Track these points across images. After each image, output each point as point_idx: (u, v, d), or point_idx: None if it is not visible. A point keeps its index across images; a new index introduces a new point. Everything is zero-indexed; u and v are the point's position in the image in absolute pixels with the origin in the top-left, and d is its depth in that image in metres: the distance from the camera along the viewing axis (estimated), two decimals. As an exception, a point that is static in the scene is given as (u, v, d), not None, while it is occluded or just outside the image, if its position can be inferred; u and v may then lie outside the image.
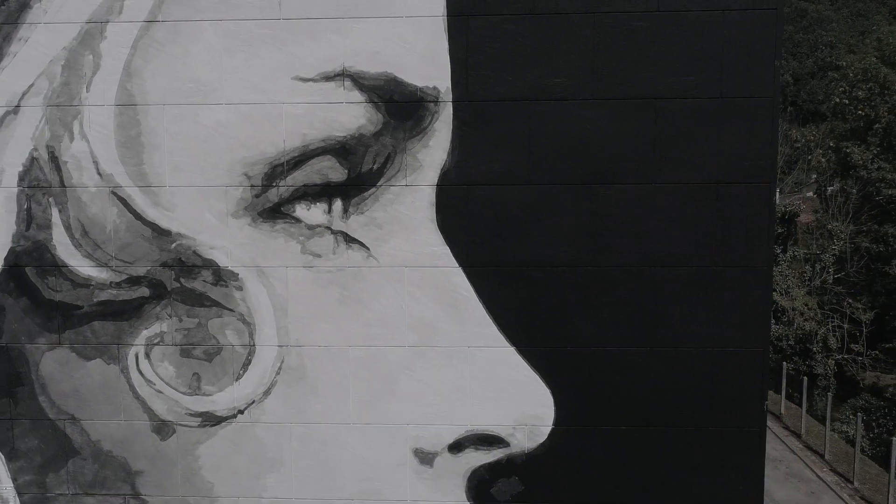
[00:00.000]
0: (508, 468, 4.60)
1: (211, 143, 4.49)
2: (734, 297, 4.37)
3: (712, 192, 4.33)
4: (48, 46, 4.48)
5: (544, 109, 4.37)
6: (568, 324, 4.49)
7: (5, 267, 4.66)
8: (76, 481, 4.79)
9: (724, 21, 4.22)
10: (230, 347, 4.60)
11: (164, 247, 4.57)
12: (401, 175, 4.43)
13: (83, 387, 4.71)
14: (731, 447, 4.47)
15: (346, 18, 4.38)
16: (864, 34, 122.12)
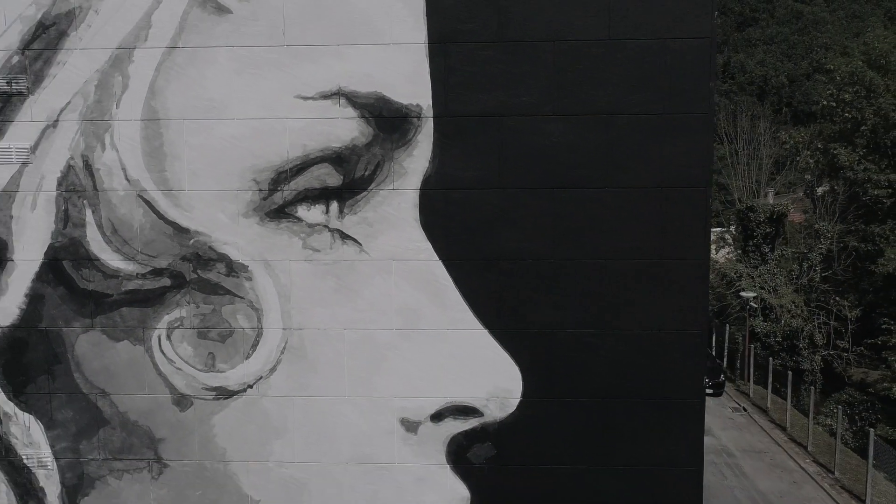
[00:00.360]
0: (482, 435, 5.27)
1: (224, 153, 5.15)
2: (675, 286, 5.04)
3: (657, 195, 5.00)
4: (83, 69, 5.14)
5: (513, 124, 5.03)
6: (534, 309, 5.15)
7: (45, 260, 5.33)
8: (106, 448, 5.46)
9: (666, 48, 4.88)
10: (241, 330, 5.27)
11: (184, 243, 5.23)
12: (389, 180, 5.09)
13: (112, 365, 5.38)
14: (674, 416, 5.14)
15: (341, 45, 5.04)
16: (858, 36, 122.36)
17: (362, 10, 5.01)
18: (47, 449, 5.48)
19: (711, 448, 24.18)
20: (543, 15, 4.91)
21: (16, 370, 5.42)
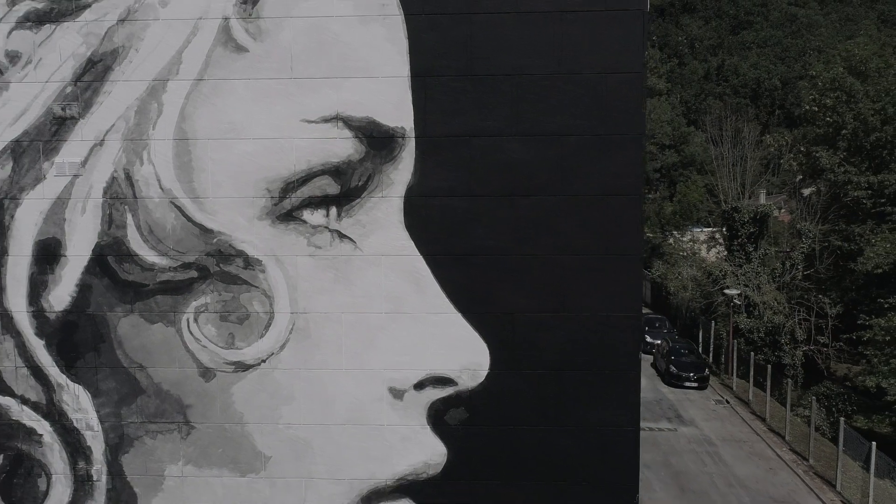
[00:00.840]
0: (457, 401, 6.30)
1: (242, 166, 6.19)
2: (615, 277, 6.07)
3: (599, 202, 6.03)
4: (125, 97, 6.18)
5: (481, 143, 6.07)
6: (499, 296, 6.19)
7: (92, 256, 6.36)
8: (143, 412, 6.49)
9: (605, 82, 5.92)
10: (256, 314, 6.30)
11: (208, 241, 6.26)
12: (378, 189, 6.13)
13: (148, 343, 6.41)
14: (615, 384, 6.17)
15: (339, 78, 6.08)
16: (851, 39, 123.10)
17: (356, 49, 6.04)
18: (93, 413, 6.51)
19: (694, 438, 25.24)
20: (505, 55, 5.95)
21: (67, 348, 6.45)
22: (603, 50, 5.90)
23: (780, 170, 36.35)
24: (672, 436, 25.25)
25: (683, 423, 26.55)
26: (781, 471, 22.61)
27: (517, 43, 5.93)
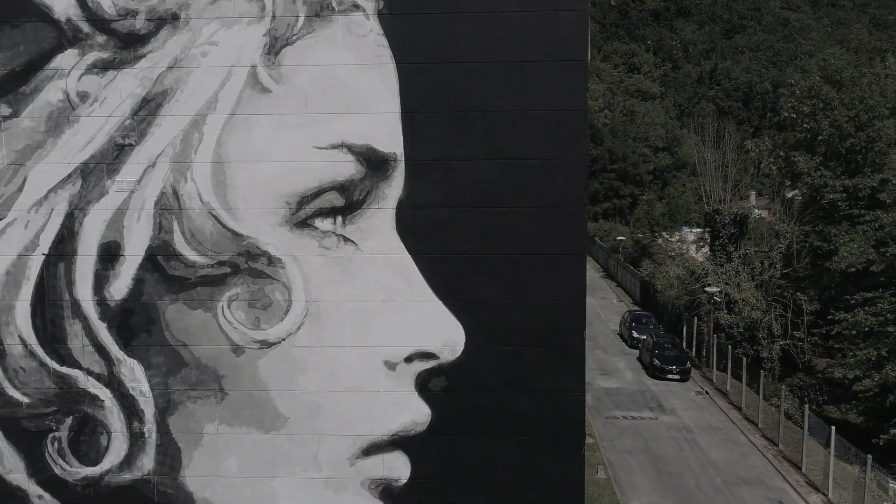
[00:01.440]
0: (439, 371, 7.78)
1: (266, 184, 7.67)
2: (563, 272, 7.56)
3: (550, 212, 7.52)
4: (173, 128, 7.66)
5: (457, 165, 7.55)
6: (472, 287, 7.67)
7: (145, 256, 7.84)
8: (185, 382, 7.97)
9: (556, 117, 7.41)
10: (277, 302, 7.78)
11: (239, 244, 7.74)
12: (375, 203, 7.61)
13: (190, 325, 7.89)
14: (564, 357, 7.66)
15: (344, 113, 7.56)
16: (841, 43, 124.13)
17: (357, 90, 7.53)
18: (145, 382, 7.99)
19: (673, 426, 26.77)
20: (476, 95, 7.44)
21: (125, 329, 7.94)
22: (554, 92, 7.39)
23: (760, 174, 37.77)
24: (653, 424, 26.81)
25: (664, 412, 28.09)
26: (752, 455, 24.14)
27: (486, 86, 7.42)
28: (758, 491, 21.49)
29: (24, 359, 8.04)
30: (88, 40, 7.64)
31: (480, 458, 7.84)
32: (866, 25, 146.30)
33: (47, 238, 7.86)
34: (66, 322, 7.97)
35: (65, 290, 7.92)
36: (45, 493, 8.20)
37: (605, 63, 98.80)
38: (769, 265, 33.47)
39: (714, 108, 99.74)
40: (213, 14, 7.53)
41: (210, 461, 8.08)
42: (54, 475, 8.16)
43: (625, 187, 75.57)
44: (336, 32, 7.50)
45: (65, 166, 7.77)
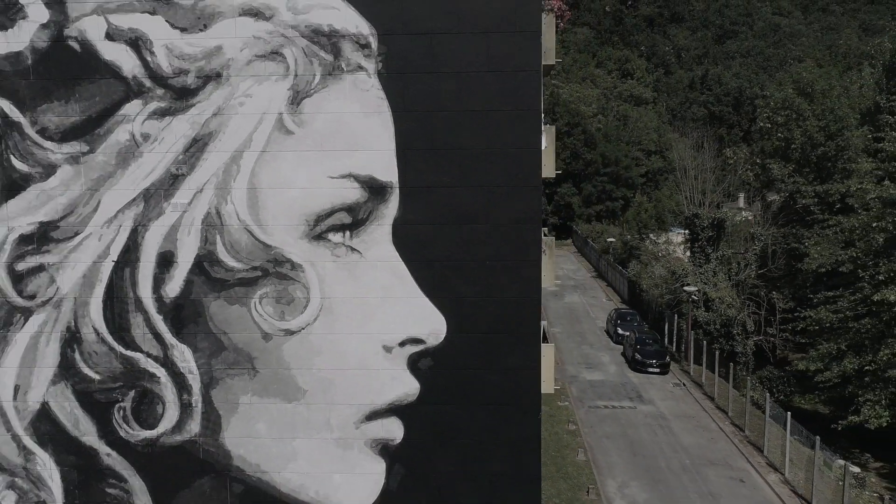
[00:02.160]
0: (426, 354, 9.78)
1: (290, 205, 9.66)
2: (523, 276, 9.56)
3: (514, 227, 9.51)
4: (217, 162, 9.66)
5: (439, 191, 9.56)
6: (452, 287, 9.67)
7: (194, 262, 9.84)
8: (225, 362, 9.97)
9: (517, 153, 9.40)
10: (298, 299, 9.78)
11: (268, 253, 9.74)
12: (376, 220, 9.61)
13: (229, 317, 9.89)
14: (523, 342, 9.66)
15: (351, 150, 9.57)
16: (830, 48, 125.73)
17: (361, 132, 9.54)
18: (193, 363, 9.99)
19: (650, 414, 28.73)
20: (454, 136, 9.45)
21: (177, 321, 9.94)
22: (514, 134, 9.39)
23: (737, 180, 39.79)
24: (632, 412, 28.79)
25: (643, 402, 30.07)
26: (720, 440, 26.14)
27: (462, 130, 9.43)
28: (722, 471, 23.49)
29: (97, 344, 10.05)
30: (150, 93, 9.65)
31: (458, 422, 9.85)
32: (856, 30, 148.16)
33: (116, 248, 9.87)
34: (131, 315, 9.98)
35: (130, 290, 9.93)
36: (113, 452, 10.20)
37: (600, 69, 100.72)
38: (744, 266, 35.44)
39: (705, 112, 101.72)
40: (248, 73, 9.54)
41: (244, 426, 10.09)
42: (120, 437, 10.17)
43: (617, 190, 77.36)
44: (345, 87, 9.51)
45: (131, 192, 9.78)
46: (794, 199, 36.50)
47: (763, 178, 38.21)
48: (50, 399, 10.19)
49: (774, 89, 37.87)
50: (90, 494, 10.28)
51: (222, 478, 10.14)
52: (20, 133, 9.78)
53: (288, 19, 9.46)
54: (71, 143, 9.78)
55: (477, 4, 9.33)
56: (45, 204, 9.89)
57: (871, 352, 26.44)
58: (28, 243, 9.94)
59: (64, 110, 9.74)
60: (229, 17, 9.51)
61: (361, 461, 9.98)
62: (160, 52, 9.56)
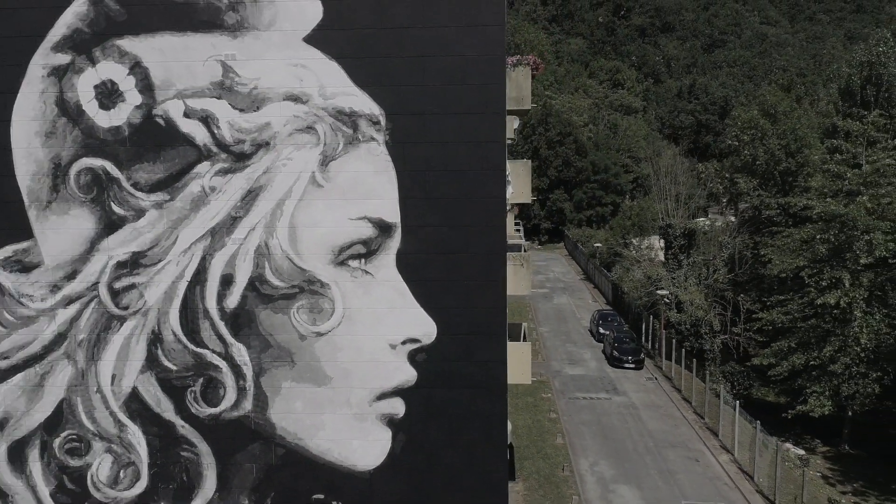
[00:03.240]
0: (421, 350, 12.98)
1: (320, 240, 12.86)
2: (491, 292, 12.76)
3: (485, 256, 12.71)
4: (265, 208, 12.85)
5: (430, 229, 12.76)
6: (440, 300, 12.86)
7: (248, 282, 13.02)
8: (271, 357, 13.16)
9: (486, 204, 12.59)
10: (326, 309, 12.97)
11: (304, 275, 12.93)
12: (384, 251, 12.81)
13: (275, 323, 13.09)
14: (493, 340, 12.86)
15: (365, 199, 12.76)
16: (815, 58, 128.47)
17: (373, 185, 12.73)
18: (247, 357, 13.18)
19: (623, 404, 31.94)
20: (441, 187, 12.62)
21: (235, 326, 13.13)
22: (484, 188, 12.57)
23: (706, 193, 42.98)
24: (606, 403, 32.01)
25: (618, 393, 33.28)
26: (682, 426, 29.37)
27: (447, 184, 12.61)
28: (681, 452, 26.70)
29: (174, 343, 13.24)
30: (216, 157, 12.84)
31: (445, 401, 13.04)
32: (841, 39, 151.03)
33: (189, 271, 13.06)
34: (200, 321, 13.17)
35: (199, 302, 13.11)
36: (186, 424, 13.39)
37: (592, 79, 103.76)
38: (713, 271, 38.60)
39: (693, 120, 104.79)
40: (289, 142, 12.73)
41: (285, 404, 13.27)
42: (191, 413, 13.36)
43: (607, 196, 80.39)
44: (361, 153, 12.71)
45: (201, 229, 12.97)
46: (759, 211, 39.64)
47: (731, 191, 41.37)
48: (138, 385, 13.39)
49: (741, 111, 40.92)
50: (168, 456, 13.49)
51: (268, 443, 13.34)
52: (118, 186, 12.98)
53: (319, 103, 12.66)
54: (156, 194, 12.98)
55: (457, 93, 12.52)
56: (136, 238, 13.09)
57: (817, 349, 29.66)
58: (123, 268, 13.14)
59: (151, 169, 12.94)
60: (276, 101, 12.70)
61: (373, 430, 13.18)
62: (224, 126, 12.76)
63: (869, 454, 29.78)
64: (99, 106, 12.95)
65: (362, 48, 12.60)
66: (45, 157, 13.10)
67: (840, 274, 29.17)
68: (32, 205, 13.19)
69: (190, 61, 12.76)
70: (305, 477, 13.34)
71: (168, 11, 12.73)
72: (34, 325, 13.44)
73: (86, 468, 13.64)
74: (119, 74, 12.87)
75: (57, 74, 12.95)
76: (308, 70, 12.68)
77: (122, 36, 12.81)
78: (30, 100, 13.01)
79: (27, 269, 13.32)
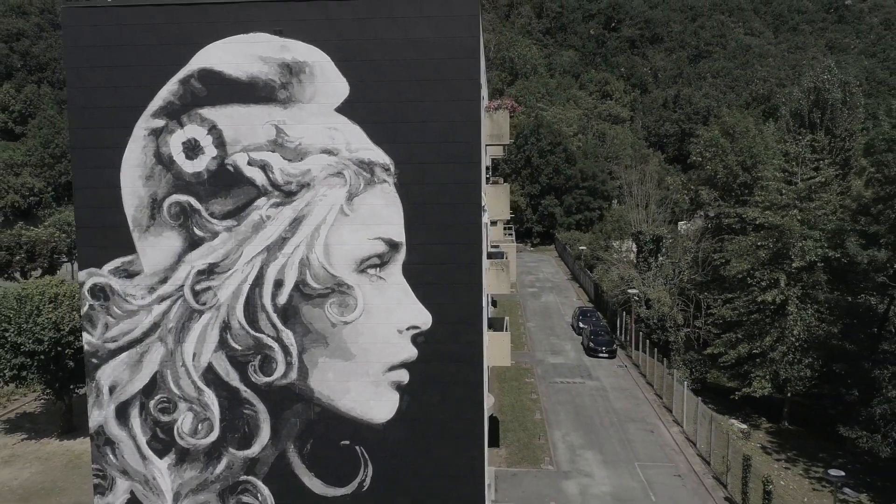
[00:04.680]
0: (421, 334, 17.51)
1: (346, 254, 17.38)
2: (470, 293, 17.28)
3: (466, 266, 17.23)
4: (306, 231, 17.37)
5: (430, 246, 17.27)
6: (434, 298, 17.38)
7: (293, 285, 17.53)
8: (310, 340, 17.66)
9: (470, 226, 17.12)
10: (351, 304, 17.49)
11: (335, 280, 17.45)
12: (393, 262, 17.33)
13: (313, 315, 17.61)
14: (472, 328, 17.38)
15: (379, 224, 17.27)
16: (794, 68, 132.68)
17: (385, 214, 17.25)
18: (293, 340, 17.68)
19: (595, 387, 36.42)
20: (436, 214, 17.15)
21: (284, 317, 17.64)
22: (466, 218, 17.10)
23: (672, 203, 47.48)
24: (581, 386, 36.52)
25: (591, 378, 37.79)
26: (644, 405, 33.88)
27: (439, 213, 17.12)
28: (639, 425, 31.19)
29: (239, 330, 17.74)
30: (271, 194, 17.34)
31: (438, 372, 17.54)
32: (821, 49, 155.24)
33: (251, 277, 17.57)
34: (258, 313, 17.68)
35: (258, 300, 17.63)
36: (248, 390, 17.90)
37: (582, 91, 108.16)
38: (678, 273, 43.08)
39: (677, 129, 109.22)
40: (324, 184, 17.23)
41: (321, 374, 17.78)
42: (252, 381, 17.87)
43: (594, 201, 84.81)
44: (376, 191, 17.21)
45: (259, 246, 17.48)
46: (719, 219, 44.12)
47: (696, 201, 45.88)
48: (212, 360, 17.88)
49: (704, 131, 45.39)
50: (234, 413, 17.99)
51: (308, 403, 17.84)
52: (199, 215, 17.49)
53: (346, 155, 17.16)
54: (227, 220, 17.48)
55: (446, 148, 17.01)
56: (211, 253, 17.58)
57: (759, 339, 34.24)
58: (202, 275, 17.64)
59: (223, 203, 17.44)
60: (314, 154, 17.20)
61: (385, 393, 17.68)
62: (277, 172, 17.26)
63: (806, 430, 34.34)
64: (185, 157, 17.45)
65: (377, 116, 17.10)
66: (145, 194, 17.62)
67: (778, 275, 33.74)
68: (135, 229, 17.71)
69: (252, 125, 17.26)
70: (336, 428, 17.85)
71: (236, 88, 17.23)
72: (135, 317, 17.97)
73: (173, 423, 18.15)
74: (200, 134, 17.37)
75: (155, 134, 17.47)
76: (338, 131, 17.18)
77: (203, 106, 17.32)
78: (134, 153, 17.53)
79: (131, 275, 17.85)
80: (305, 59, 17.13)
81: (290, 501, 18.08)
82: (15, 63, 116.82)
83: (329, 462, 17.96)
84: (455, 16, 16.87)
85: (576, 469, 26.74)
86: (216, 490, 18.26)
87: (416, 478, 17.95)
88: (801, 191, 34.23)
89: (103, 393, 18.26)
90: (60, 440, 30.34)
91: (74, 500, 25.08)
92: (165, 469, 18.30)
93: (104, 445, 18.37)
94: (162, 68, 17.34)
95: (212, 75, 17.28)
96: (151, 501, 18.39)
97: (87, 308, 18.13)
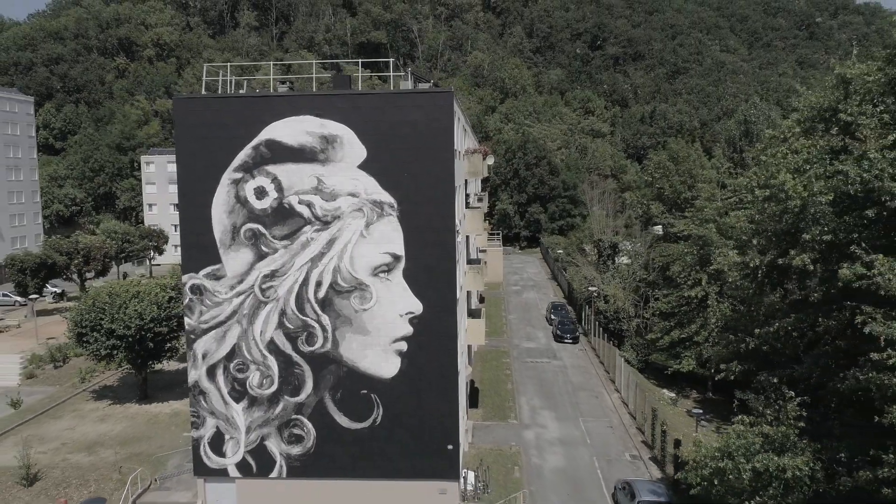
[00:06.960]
0: (415, 318, 25.10)
1: (365, 264, 24.98)
2: (447, 291, 24.88)
3: (446, 273, 24.82)
4: (338, 248, 24.98)
5: (423, 259, 24.88)
6: (426, 294, 24.98)
7: (328, 284, 25.11)
8: (341, 322, 25.25)
9: (447, 246, 24.70)
10: (368, 297, 25.07)
11: (358, 281, 25.05)
12: (396, 269, 24.93)
13: (343, 305, 25.22)
14: (450, 315, 24.97)
15: (387, 244, 24.86)
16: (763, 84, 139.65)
17: (391, 238, 24.85)
18: (329, 322, 25.29)
19: (558, 366, 43.99)
20: (428, 237, 24.74)
21: (322, 306, 25.26)
22: (447, 240, 24.70)
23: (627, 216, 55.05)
24: (547, 365, 44.10)
25: (556, 359, 45.38)
26: (594, 378, 41.50)
27: (432, 236, 24.73)
28: (588, 393, 38.76)
29: (292, 315, 25.36)
30: (313, 223, 24.95)
31: (427, 344, 25.15)
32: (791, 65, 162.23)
33: (300, 279, 25.18)
34: (305, 304, 25.29)
35: (305, 294, 25.25)
36: (297, 356, 25.51)
37: (567, 108, 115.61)
38: (631, 273, 50.59)
39: (654, 142, 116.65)
40: (349, 217, 24.83)
41: (348, 345, 25.39)
42: (300, 350, 25.51)
43: (575, 209, 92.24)
44: (385, 221, 24.82)
45: (306, 258, 25.09)
46: (666, 230, 51.64)
47: (647, 214, 53.42)
48: (273, 336, 25.48)
49: (654, 153, 52.95)
50: (287, 374, 25.58)
51: (339, 365, 25.44)
52: (265, 238, 25.09)
53: (364, 197, 24.74)
54: (284, 241, 25.07)
55: (434, 193, 24.55)
56: (273, 263, 25.18)
57: (687, 326, 41.73)
58: (267, 278, 25.24)
59: (281, 229, 25.03)
60: (343, 196, 24.78)
61: (391, 358, 25.27)
62: (318, 208, 24.85)
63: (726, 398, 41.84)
64: (256, 198, 25.03)
65: (386, 171, 24.65)
66: (228, 223, 25.20)
67: (700, 276, 41.27)
68: (221, 246, 25.29)
69: (301, 177, 24.85)
70: (357, 382, 25.42)
71: (291, 152, 24.80)
72: (221, 307, 25.56)
73: (245, 379, 25.73)
74: (266, 183, 24.95)
75: (235, 183, 25.05)
76: (359, 181, 24.76)
77: (268, 164, 24.91)
78: (221, 196, 25.12)
79: (218, 278, 25.44)
80: (337, 133, 24.71)
81: (326, 432, 25.67)
82: (55, 85, 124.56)
83: (353, 405, 25.54)
84: (437, 106, 24.45)
85: (534, 423, 34.25)
86: (275, 425, 25.85)
87: (412, 416, 25.51)
88: (720, 208, 41.74)
89: (198, 358, 25.86)
90: (140, 405, 37.96)
91: (158, 444, 32.66)
92: (241, 410, 25.89)
93: (198, 395, 25.96)
94: (240, 139, 24.93)
95: (274, 143, 24.87)
96: (230, 433, 26.00)
97: (188, 300, 25.74)
